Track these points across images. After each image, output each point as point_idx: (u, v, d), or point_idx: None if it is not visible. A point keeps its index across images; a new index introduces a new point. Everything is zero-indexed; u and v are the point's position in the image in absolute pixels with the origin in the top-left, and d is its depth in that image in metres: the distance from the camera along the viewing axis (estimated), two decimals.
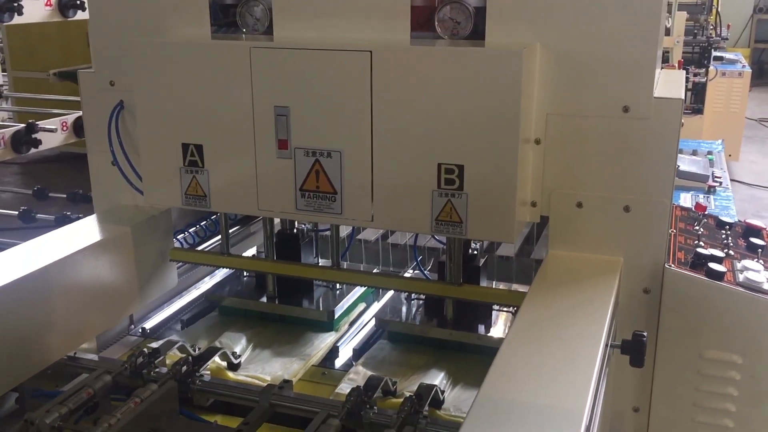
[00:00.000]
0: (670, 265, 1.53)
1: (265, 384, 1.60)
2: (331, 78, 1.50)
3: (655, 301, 1.56)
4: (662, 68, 1.94)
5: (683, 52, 5.89)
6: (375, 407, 1.44)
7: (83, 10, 4.01)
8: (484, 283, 1.83)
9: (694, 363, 1.54)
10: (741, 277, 1.52)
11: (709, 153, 4.09)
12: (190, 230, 2.07)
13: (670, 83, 1.64)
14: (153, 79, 1.62)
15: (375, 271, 2.08)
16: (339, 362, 1.84)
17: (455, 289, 1.74)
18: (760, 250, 1.71)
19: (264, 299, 1.98)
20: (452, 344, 1.82)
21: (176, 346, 1.72)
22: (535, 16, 1.48)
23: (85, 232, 1.75)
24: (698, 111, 6.02)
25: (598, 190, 1.54)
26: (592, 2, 1.45)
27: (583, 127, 1.52)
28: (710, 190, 3.47)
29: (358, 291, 2.01)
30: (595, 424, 1.18)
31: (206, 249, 2.07)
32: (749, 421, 1.54)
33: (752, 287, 1.50)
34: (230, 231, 2.02)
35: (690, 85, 5.79)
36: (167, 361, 1.65)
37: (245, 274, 2.08)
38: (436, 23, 1.57)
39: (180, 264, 1.97)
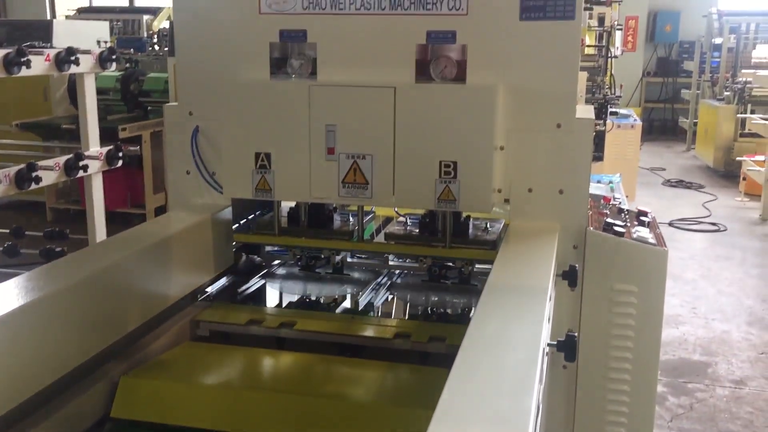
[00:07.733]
0: (589, 228, 2.32)
1: None
2: (367, 105, 2.24)
3: (580, 253, 2.34)
4: None
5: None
6: None
7: (77, 64, 4.64)
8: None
9: (608, 293, 2.33)
10: (635, 235, 2.33)
11: (610, 182, 5.02)
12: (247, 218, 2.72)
13: (584, 112, 2.46)
14: (236, 107, 2.32)
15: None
16: None
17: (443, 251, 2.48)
18: (647, 221, 2.53)
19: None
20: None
21: None
22: (499, 66, 2.27)
23: (176, 221, 2.40)
24: (599, 158, 7.08)
25: (542, 180, 2.33)
26: (535, 57, 2.26)
27: (531, 138, 2.31)
28: None
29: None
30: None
31: None
32: (643, 328, 2.33)
33: (642, 240, 2.31)
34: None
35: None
36: None
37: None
38: (431, 70, 2.34)
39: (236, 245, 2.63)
